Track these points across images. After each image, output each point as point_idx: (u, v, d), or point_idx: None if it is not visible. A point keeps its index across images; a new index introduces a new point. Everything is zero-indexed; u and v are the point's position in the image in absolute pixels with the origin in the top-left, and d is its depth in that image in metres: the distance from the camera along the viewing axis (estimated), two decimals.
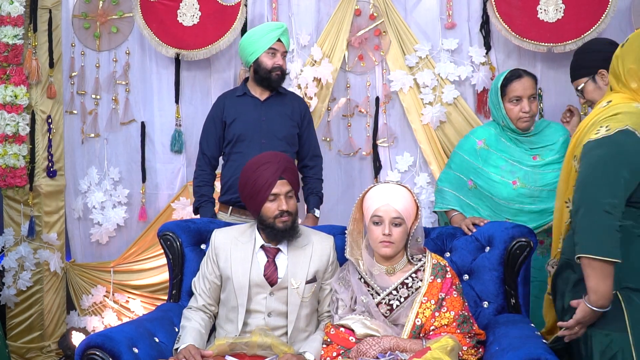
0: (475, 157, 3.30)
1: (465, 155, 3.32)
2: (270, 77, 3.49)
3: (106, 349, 2.39)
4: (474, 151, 3.31)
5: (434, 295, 2.56)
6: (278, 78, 3.51)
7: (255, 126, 3.49)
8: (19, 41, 4.12)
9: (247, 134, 3.48)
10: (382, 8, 4.01)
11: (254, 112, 3.51)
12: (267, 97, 3.55)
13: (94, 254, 4.37)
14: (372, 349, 2.46)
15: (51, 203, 4.29)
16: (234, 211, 3.50)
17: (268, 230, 2.71)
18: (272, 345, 2.57)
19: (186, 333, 2.65)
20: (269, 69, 3.47)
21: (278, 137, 3.48)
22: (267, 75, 3.49)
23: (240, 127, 3.49)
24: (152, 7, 4.09)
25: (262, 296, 2.69)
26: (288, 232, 2.71)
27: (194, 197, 3.59)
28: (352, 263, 2.67)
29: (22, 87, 4.13)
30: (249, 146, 3.44)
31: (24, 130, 4.17)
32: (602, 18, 3.74)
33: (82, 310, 4.32)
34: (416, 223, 2.63)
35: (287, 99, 3.60)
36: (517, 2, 3.85)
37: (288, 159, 2.83)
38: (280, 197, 2.69)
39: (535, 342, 2.40)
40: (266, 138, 3.46)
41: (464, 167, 3.32)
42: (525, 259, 2.78)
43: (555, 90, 3.99)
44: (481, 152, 3.31)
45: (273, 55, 3.48)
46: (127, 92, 4.28)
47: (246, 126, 3.49)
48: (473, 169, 3.29)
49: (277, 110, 3.54)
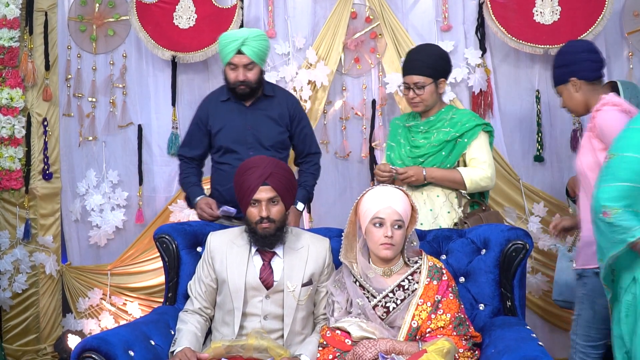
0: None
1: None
2: (236, 91, 3.32)
3: (102, 351, 2.39)
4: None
5: (430, 298, 2.56)
6: (244, 92, 3.30)
7: (241, 136, 3.33)
8: (15, 44, 4.13)
9: (234, 146, 3.33)
10: (378, 11, 4.02)
11: (239, 119, 3.35)
12: (253, 102, 3.38)
13: (92, 256, 4.37)
14: (369, 351, 2.46)
15: (47, 206, 4.28)
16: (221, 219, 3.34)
17: (252, 235, 2.71)
18: (268, 348, 2.56)
19: (182, 336, 2.65)
20: (232, 83, 3.30)
21: (265, 147, 3.32)
22: (233, 89, 3.32)
23: (226, 139, 3.35)
24: (148, 9, 4.09)
25: (258, 299, 2.69)
26: (269, 239, 2.68)
27: (183, 190, 3.50)
28: (347, 266, 2.67)
29: (17, 89, 4.13)
30: (237, 158, 3.27)
31: (19, 132, 4.17)
32: (599, 20, 3.76)
33: (78, 313, 4.32)
34: (412, 226, 2.63)
35: (275, 102, 3.40)
36: (512, 4, 3.87)
37: (277, 164, 2.75)
38: (262, 203, 2.66)
39: (531, 344, 2.40)
40: (254, 149, 3.30)
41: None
42: (521, 262, 2.78)
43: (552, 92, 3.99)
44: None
45: (233, 70, 3.27)
46: (125, 95, 4.28)
47: (232, 137, 3.34)
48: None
49: (263, 116, 3.37)
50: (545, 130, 4.03)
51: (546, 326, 4.02)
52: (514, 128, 4.10)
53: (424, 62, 3.19)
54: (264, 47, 3.31)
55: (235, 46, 3.21)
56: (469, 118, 3.24)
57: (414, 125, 3.29)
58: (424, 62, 3.19)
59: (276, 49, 4.12)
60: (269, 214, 2.65)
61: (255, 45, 3.24)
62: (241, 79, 3.25)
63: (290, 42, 4.11)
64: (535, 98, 4.01)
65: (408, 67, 3.22)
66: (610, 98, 2.87)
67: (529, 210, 3.96)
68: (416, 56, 3.24)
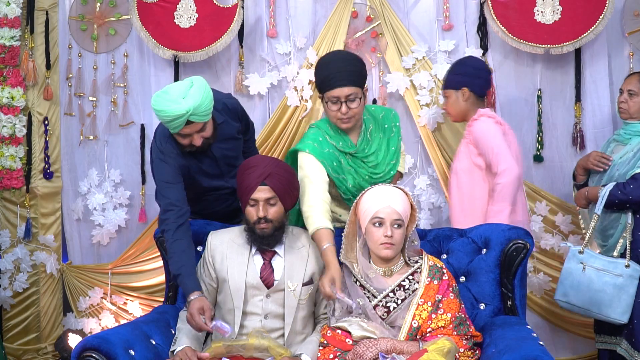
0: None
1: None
2: (196, 151, 2.87)
3: (102, 351, 2.40)
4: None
5: (430, 297, 2.56)
6: (204, 148, 2.87)
7: (216, 173, 3.05)
8: (16, 43, 4.13)
9: (211, 184, 3.06)
10: (379, 10, 4.01)
11: (210, 164, 3.01)
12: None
13: (94, 255, 4.37)
14: (369, 350, 2.46)
15: (47, 205, 4.29)
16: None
17: (250, 234, 2.70)
18: (269, 348, 2.57)
19: (183, 335, 2.65)
20: (187, 148, 2.85)
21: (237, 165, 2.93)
22: (191, 150, 2.87)
23: (201, 183, 3.02)
24: (149, 8, 4.09)
25: (258, 298, 2.69)
26: (266, 239, 2.68)
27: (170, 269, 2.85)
28: (347, 266, 2.67)
29: (18, 88, 4.13)
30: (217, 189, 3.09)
31: (20, 131, 4.17)
32: (600, 20, 3.75)
33: (78, 312, 4.32)
34: (413, 225, 2.63)
35: (225, 123, 3.01)
36: (513, 4, 3.86)
37: (277, 164, 2.73)
38: (260, 204, 2.65)
39: (532, 343, 2.40)
40: (227, 175, 3.07)
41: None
42: (522, 261, 2.78)
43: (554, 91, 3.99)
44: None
45: (185, 137, 2.80)
46: (126, 95, 4.28)
47: (207, 180, 3.04)
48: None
49: (225, 143, 3.02)
50: (546, 130, 4.02)
51: (547, 326, 4.01)
52: (516, 127, 4.07)
53: (351, 72, 2.83)
54: (210, 102, 2.78)
55: (181, 122, 2.71)
56: (384, 116, 3.07)
57: (357, 151, 2.96)
58: (351, 71, 2.83)
59: (277, 48, 4.11)
60: (266, 215, 2.65)
61: (202, 111, 2.73)
62: (199, 144, 2.81)
63: (291, 41, 4.11)
64: (537, 97, 4.01)
65: (336, 78, 2.80)
66: (486, 111, 3.41)
67: (531, 209, 3.95)
68: (341, 65, 2.83)
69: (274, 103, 4.15)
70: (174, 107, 2.68)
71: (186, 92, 2.71)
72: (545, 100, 4.02)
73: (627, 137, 3.41)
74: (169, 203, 2.81)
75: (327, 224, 2.72)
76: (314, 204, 2.77)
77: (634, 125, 3.41)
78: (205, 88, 2.77)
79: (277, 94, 4.15)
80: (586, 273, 3.24)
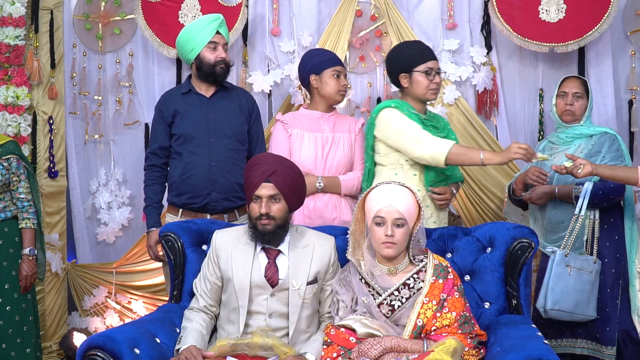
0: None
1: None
2: (215, 72, 3.34)
3: (107, 349, 2.39)
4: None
5: (435, 296, 2.55)
6: (223, 71, 3.36)
7: (202, 124, 3.34)
8: (21, 42, 4.13)
9: (194, 133, 3.33)
10: (383, 9, 4.01)
11: (200, 109, 3.36)
12: (213, 94, 3.40)
13: (102, 253, 4.38)
14: (374, 348, 2.46)
15: (52, 204, 4.29)
16: (184, 214, 3.37)
17: (253, 230, 2.71)
18: (274, 346, 2.57)
19: (187, 334, 2.65)
20: (212, 63, 3.33)
21: (227, 135, 3.35)
22: (211, 70, 3.33)
23: (186, 126, 3.35)
24: (153, 8, 4.10)
25: (263, 297, 2.69)
26: (268, 236, 2.68)
27: (145, 200, 3.48)
28: (354, 264, 2.67)
29: (23, 88, 4.13)
30: (197, 145, 3.32)
31: (25, 131, 4.17)
32: (604, 18, 3.75)
33: (83, 311, 4.33)
34: (418, 224, 2.63)
35: (234, 94, 3.46)
36: (518, 2, 3.86)
37: (283, 162, 2.76)
38: (262, 200, 2.67)
39: (537, 342, 2.39)
40: (215, 136, 3.33)
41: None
42: (527, 260, 2.78)
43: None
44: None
45: (214, 49, 3.33)
46: (131, 94, 4.29)
47: (193, 125, 3.34)
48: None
49: (225, 106, 3.40)
50: (547, 130, 4.02)
51: None
52: (519, 126, 4.10)
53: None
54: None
55: (215, 26, 3.33)
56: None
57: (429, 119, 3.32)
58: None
59: (281, 47, 4.12)
60: (268, 211, 2.66)
61: (227, 30, 3.47)
62: (223, 56, 3.35)
63: (296, 40, 4.11)
64: (539, 97, 4.01)
65: (427, 52, 3.25)
66: None
67: None
68: (423, 44, 3.33)
69: (277, 101, 4.15)
70: (207, 16, 3.39)
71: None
72: (547, 100, 4.01)
73: (569, 140, 3.40)
74: (158, 147, 3.40)
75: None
76: (423, 133, 3.12)
77: (575, 128, 3.40)
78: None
79: (280, 93, 4.15)
80: (572, 275, 3.22)
